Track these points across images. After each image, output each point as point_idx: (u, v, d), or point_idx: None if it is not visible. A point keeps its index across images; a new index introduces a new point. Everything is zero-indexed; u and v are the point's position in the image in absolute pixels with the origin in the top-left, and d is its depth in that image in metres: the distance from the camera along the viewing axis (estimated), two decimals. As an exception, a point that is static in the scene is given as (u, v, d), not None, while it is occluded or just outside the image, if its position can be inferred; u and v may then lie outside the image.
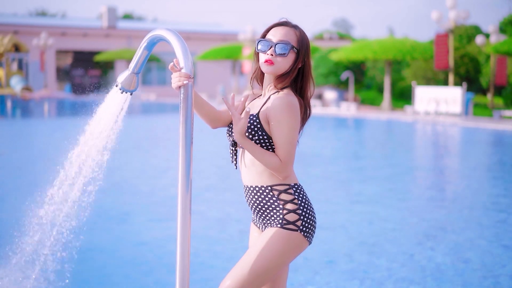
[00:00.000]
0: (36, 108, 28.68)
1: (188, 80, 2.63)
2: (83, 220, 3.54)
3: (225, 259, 5.64)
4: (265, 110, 2.81)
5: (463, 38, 32.71)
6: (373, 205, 8.14)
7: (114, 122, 3.03)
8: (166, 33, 2.72)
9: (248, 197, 2.95)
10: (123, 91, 2.94)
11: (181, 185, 2.66)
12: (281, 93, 2.83)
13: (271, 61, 2.81)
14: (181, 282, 2.69)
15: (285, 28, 2.85)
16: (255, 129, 2.80)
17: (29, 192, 3.94)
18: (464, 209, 8.05)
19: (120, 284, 5.12)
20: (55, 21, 48.99)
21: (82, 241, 4.22)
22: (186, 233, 2.68)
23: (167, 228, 6.72)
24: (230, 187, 9.29)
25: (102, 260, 5.69)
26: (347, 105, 26.53)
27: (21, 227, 3.97)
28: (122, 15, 68.19)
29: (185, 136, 2.65)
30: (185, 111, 2.65)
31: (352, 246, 6.19)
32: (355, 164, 12.31)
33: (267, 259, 2.81)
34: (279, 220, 2.84)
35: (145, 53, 2.86)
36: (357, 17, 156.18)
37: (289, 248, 2.83)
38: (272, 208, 2.86)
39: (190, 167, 2.66)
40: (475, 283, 5.05)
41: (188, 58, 2.66)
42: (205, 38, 44.64)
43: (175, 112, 27.47)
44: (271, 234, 2.83)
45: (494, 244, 6.31)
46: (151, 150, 14.14)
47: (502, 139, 17.02)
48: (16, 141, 15.27)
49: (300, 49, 2.85)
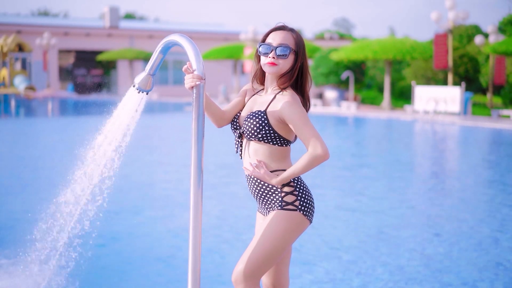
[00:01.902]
0: (39, 107, 28.96)
1: (200, 81, 2.96)
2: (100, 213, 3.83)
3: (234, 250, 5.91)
4: (276, 111, 3.12)
5: (462, 38, 32.97)
6: (372, 202, 8.43)
7: (131, 118, 3.34)
8: (180, 38, 3.02)
9: (251, 185, 3.26)
10: (140, 90, 3.24)
11: (193, 178, 2.96)
12: (287, 95, 3.14)
13: (274, 62, 3.14)
14: (193, 272, 2.99)
15: (283, 32, 3.17)
16: (263, 125, 3.11)
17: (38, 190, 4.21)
18: (460, 204, 8.33)
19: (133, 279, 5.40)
20: (57, 21, 49.28)
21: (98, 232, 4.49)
22: (198, 225, 2.98)
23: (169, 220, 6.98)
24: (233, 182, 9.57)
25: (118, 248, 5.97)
26: (347, 105, 26.82)
27: (37, 224, 4.25)
28: (124, 15, 68.43)
29: (197, 131, 2.96)
30: (197, 108, 2.96)
31: (350, 240, 6.48)
32: (356, 161, 12.59)
33: (273, 240, 3.11)
34: (278, 202, 3.16)
35: (160, 56, 3.16)
36: (358, 17, 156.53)
37: (291, 227, 3.14)
38: (272, 192, 3.17)
39: (201, 160, 2.97)
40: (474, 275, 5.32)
41: (200, 61, 2.97)
42: (207, 38, 44.90)
43: (177, 112, 27.45)
44: (273, 217, 3.15)
45: (490, 235, 6.60)
46: (155, 146, 14.41)
47: (499, 138, 17.30)
48: (20, 139, 15.55)
49: (298, 50, 3.19)
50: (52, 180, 8.96)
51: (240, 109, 3.33)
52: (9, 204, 8.04)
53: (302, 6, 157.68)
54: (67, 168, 3.85)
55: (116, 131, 3.38)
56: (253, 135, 3.13)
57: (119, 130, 3.37)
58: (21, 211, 7.38)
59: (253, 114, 3.16)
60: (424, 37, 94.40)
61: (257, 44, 3.22)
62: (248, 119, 3.15)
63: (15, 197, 8.45)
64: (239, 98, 3.36)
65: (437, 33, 24.88)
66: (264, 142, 3.14)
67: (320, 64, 29.68)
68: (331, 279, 5.23)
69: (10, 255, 5.33)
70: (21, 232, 4.92)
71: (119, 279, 5.25)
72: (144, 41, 43.88)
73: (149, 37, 44.10)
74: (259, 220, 3.38)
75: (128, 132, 3.37)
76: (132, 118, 3.33)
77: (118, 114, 3.37)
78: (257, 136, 3.13)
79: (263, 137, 3.13)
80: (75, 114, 26.08)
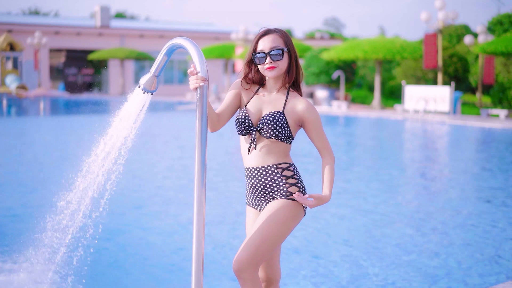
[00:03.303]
0: (31, 106, 28.96)
1: (204, 82, 3.11)
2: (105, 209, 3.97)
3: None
4: (294, 111, 3.33)
5: (452, 37, 33.20)
6: (361, 200, 8.60)
7: (136, 117, 3.48)
8: (184, 41, 3.17)
9: (253, 178, 3.39)
10: (145, 91, 3.38)
11: (197, 177, 3.11)
12: (298, 96, 3.39)
13: (272, 66, 3.32)
14: (196, 269, 3.14)
15: (270, 36, 3.34)
16: (283, 125, 3.29)
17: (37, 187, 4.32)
18: (451, 201, 8.52)
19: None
20: (48, 20, 49.17)
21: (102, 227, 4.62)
22: (201, 222, 3.12)
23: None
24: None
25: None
26: (338, 104, 27.01)
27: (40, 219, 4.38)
28: (114, 14, 68.34)
29: (200, 129, 3.11)
30: (200, 108, 3.12)
31: (342, 236, 6.65)
32: (346, 159, 12.76)
33: (275, 225, 3.25)
34: (283, 192, 3.31)
35: (165, 59, 3.29)
36: (348, 16, 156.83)
37: (292, 216, 3.30)
38: (276, 184, 3.33)
39: (205, 159, 3.12)
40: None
41: (204, 64, 3.13)
42: (198, 37, 44.97)
43: (169, 111, 27.41)
44: (277, 204, 3.30)
45: (479, 229, 6.79)
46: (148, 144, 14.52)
47: (488, 137, 17.53)
48: (13, 138, 15.62)
49: (289, 46, 3.37)
50: (47, 179, 9.11)
51: (235, 110, 3.44)
52: (4, 201, 8.14)
53: (292, 5, 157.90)
54: (61, 167, 3.97)
55: (122, 130, 3.51)
56: (274, 134, 3.28)
57: (125, 129, 3.50)
58: (19, 208, 7.49)
59: (273, 115, 3.30)
60: (414, 37, 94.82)
61: (249, 54, 3.38)
62: (269, 120, 3.29)
63: (10, 194, 8.55)
64: (232, 99, 3.43)
65: (427, 33, 25.10)
66: (279, 140, 3.30)
67: (311, 64, 29.84)
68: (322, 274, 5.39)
69: (12, 252, 5.45)
70: (21, 230, 5.03)
71: (123, 276, 5.38)
72: (135, 40, 43.90)
73: (140, 37, 44.12)
74: (251, 214, 3.49)
75: (133, 131, 3.51)
76: (137, 117, 3.47)
77: (123, 114, 3.50)
78: (277, 136, 3.28)
79: (281, 136, 3.29)
80: (67, 113, 26.12)
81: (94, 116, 24.04)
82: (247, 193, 3.48)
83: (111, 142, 3.57)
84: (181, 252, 6.05)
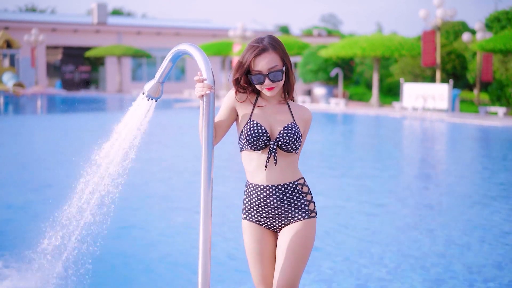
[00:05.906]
0: (28, 104, 28.87)
1: (210, 90, 3.04)
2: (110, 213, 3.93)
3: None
4: (302, 120, 3.26)
5: (450, 34, 33.20)
6: (360, 198, 8.57)
7: (139, 125, 3.43)
8: (190, 48, 3.11)
9: (267, 197, 3.20)
10: (149, 98, 3.33)
11: (204, 184, 3.09)
12: (298, 102, 3.30)
13: (272, 87, 3.14)
14: (203, 269, 3.12)
15: (267, 55, 3.10)
16: (299, 136, 3.19)
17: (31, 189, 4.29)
18: (448, 198, 8.49)
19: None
20: (45, 17, 49.04)
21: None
22: (208, 226, 3.10)
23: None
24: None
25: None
26: (336, 101, 26.97)
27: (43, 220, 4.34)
28: (111, 11, 68.16)
29: (207, 137, 3.07)
30: (207, 116, 3.07)
31: (341, 233, 6.62)
32: (346, 157, 12.73)
33: (308, 248, 3.22)
34: (304, 211, 3.22)
35: (170, 65, 3.23)
36: (345, 13, 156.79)
37: (315, 232, 3.27)
38: (297, 201, 3.21)
39: (211, 165, 3.08)
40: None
41: (210, 71, 3.06)
42: (195, 34, 44.87)
43: (165, 109, 27.37)
44: (305, 226, 3.21)
45: (474, 232, 6.77)
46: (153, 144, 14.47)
47: (487, 135, 17.51)
48: (10, 136, 15.57)
49: (285, 60, 3.17)
50: (47, 179, 9.08)
51: (230, 125, 3.25)
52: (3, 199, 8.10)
53: (289, 2, 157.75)
54: (61, 167, 3.94)
55: (125, 138, 3.47)
56: (295, 147, 3.17)
57: (128, 136, 3.45)
58: (18, 207, 7.45)
59: (290, 127, 3.16)
60: (411, 33, 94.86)
61: (242, 71, 3.14)
62: (289, 133, 3.14)
63: (8, 193, 8.51)
64: (227, 115, 3.21)
65: (425, 30, 25.07)
66: (295, 152, 3.21)
67: (309, 61, 29.78)
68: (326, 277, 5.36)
69: (17, 252, 5.42)
70: (21, 229, 5.00)
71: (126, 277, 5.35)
72: (132, 37, 43.77)
73: (137, 33, 43.99)
74: (254, 231, 3.28)
75: (137, 138, 3.47)
76: (140, 125, 3.42)
77: (126, 121, 3.45)
78: (297, 148, 3.18)
79: (298, 147, 3.19)
80: (64, 111, 26.04)
81: (91, 114, 24.00)
82: (250, 209, 3.26)
83: (114, 151, 3.52)
84: (186, 253, 6.01)
